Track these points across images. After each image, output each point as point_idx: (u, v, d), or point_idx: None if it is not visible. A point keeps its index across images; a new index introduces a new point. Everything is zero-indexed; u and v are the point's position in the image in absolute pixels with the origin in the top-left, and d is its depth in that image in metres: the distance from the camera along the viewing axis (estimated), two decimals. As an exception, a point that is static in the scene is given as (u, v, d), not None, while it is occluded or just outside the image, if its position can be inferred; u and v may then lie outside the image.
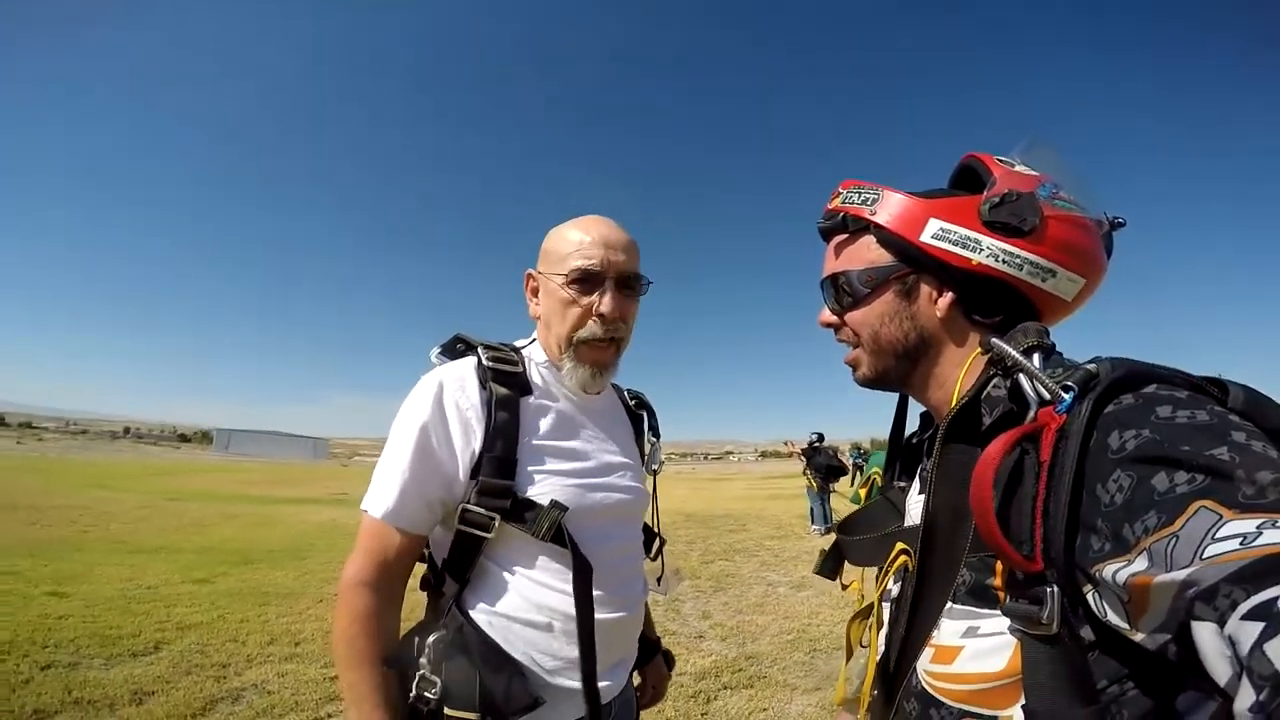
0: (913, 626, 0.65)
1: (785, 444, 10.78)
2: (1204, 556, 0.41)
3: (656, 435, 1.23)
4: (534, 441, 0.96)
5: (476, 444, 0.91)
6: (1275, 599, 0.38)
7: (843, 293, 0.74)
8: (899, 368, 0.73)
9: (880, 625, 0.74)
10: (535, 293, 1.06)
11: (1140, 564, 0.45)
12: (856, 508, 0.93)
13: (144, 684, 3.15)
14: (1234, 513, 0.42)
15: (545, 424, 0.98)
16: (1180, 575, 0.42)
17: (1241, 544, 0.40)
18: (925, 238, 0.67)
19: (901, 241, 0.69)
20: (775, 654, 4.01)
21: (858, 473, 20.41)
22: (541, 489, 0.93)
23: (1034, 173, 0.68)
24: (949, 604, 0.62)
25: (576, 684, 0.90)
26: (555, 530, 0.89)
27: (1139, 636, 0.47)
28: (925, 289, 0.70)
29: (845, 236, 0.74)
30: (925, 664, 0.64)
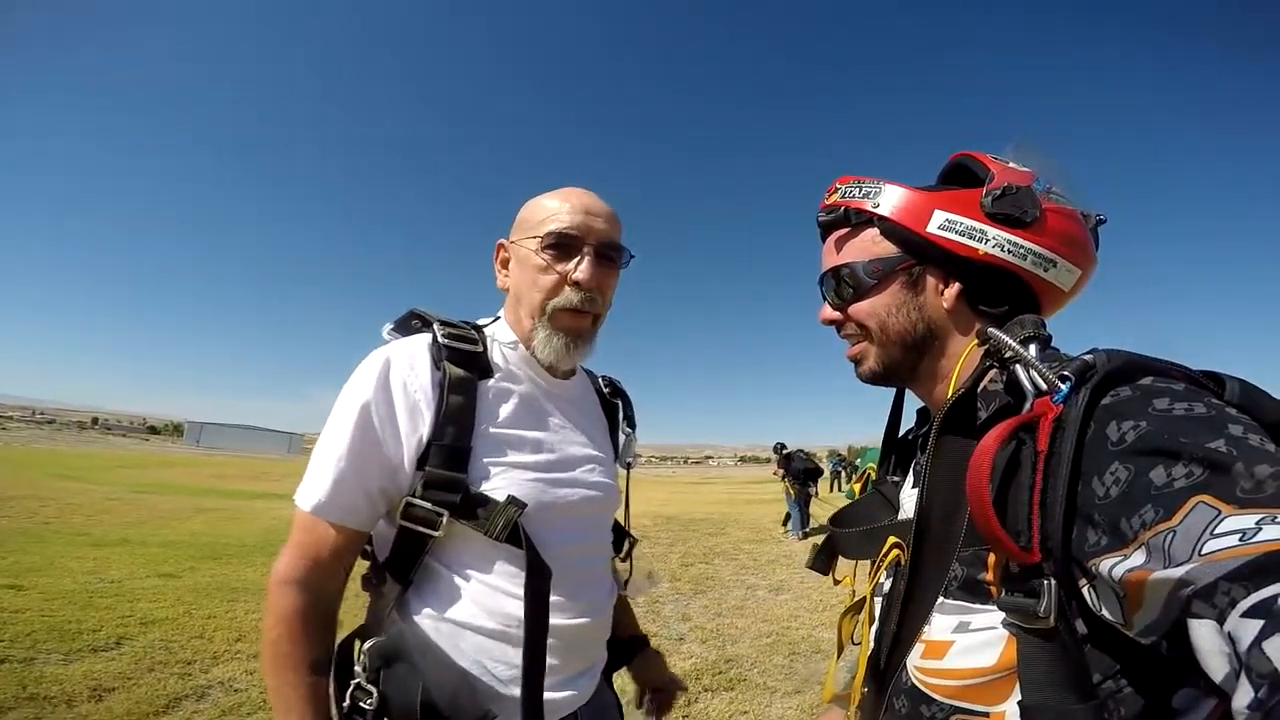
0: (904, 621, 0.65)
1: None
2: (1202, 553, 0.41)
3: (632, 426, 1.15)
4: (491, 430, 0.88)
5: (425, 430, 0.84)
6: (1275, 596, 0.38)
7: (845, 285, 0.73)
8: (906, 360, 0.73)
9: (872, 620, 0.74)
10: (505, 264, 1.01)
11: (1137, 559, 0.45)
12: (849, 502, 0.93)
13: (104, 680, 3.03)
14: (1233, 508, 0.42)
15: (506, 410, 0.91)
16: (1178, 572, 0.42)
17: (1241, 540, 0.40)
18: (931, 229, 0.68)
19: (907, 233, 0.69)
20: (755, 657, 4.01)
21: (835, 480, 20.77)
22: (497, 483, 0.85)
23: (1026, 170, 0.69)
24: (941, 599, 0.61)
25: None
26: (511, 529, 0.82)
27: (1134, 632, 0.46)
28: (931, 280, 0.70)
29: (846, 230, 0.74)
30: (915, 660, 0.63)
